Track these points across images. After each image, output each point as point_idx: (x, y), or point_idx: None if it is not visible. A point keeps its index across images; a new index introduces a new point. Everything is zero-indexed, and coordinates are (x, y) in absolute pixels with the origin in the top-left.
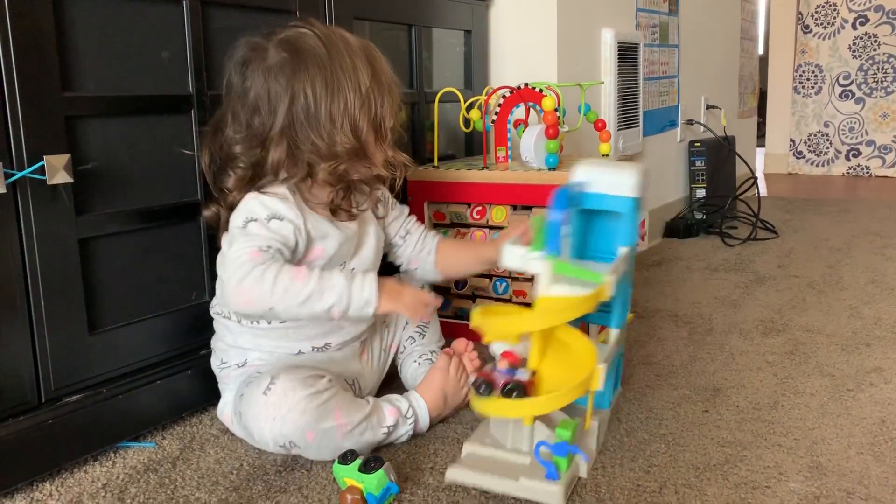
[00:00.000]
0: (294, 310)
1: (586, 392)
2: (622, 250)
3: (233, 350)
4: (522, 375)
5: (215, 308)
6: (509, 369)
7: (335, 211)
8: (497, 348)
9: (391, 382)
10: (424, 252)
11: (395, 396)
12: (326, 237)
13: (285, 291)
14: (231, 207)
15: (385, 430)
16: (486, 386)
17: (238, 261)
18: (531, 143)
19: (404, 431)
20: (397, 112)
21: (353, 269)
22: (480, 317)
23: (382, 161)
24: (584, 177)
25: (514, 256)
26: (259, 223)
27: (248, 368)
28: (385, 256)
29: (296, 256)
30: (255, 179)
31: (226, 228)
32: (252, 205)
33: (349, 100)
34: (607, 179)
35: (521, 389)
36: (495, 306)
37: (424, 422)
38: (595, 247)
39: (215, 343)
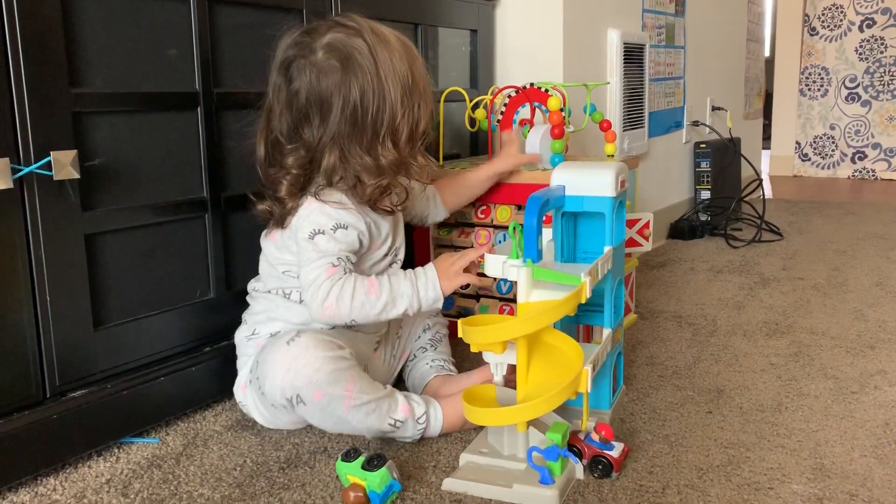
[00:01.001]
0: (372, 319)
1: (575, 394)
2: (606, 250)
3: (271, 322)
4: (613, 452)
5: (256, 287)
6: (601, 443)
7: (374, 206)
8: (490, 358)
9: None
10: (432, 203)
11: (414, 396)
12: (382, 228)
13: (362, 306)
14: (287, 211)
15: (391, 421)
16: (603, 467)
17: (317, 282)
18: (536, 143)
19: (411, 434)
20: (430, 116)
21: (397, 246)
22: (464, 327)
23: (416, 169)
24: (562, 180)
25: (495, 265)
26: (326, 236)
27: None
28: None
29: (361, 251)
30: (306, 184)
31: (278, 225)
32: (316, 216)
33: (393, 109)
34: (585, 181)
35: (607, 466)
36: (480, 316)
37: (436, 431)
38: (585, 247)
39: (250, 316)
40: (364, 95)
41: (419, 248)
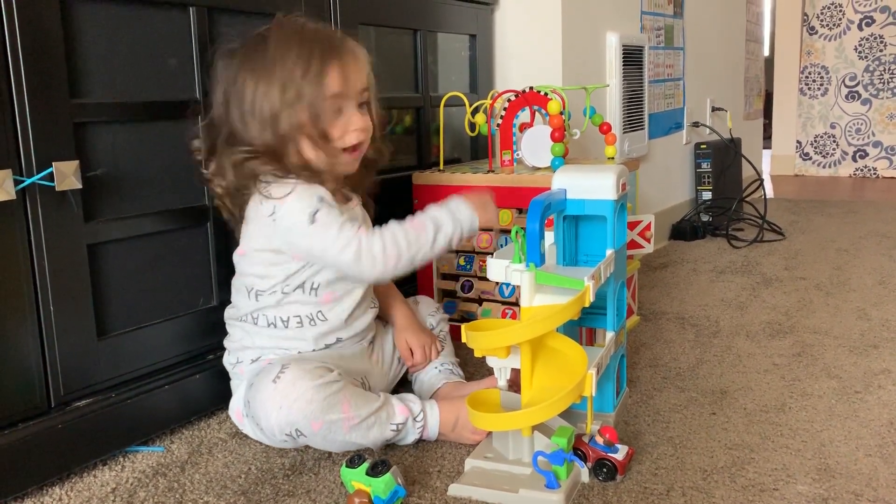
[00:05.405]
0: (428, 252)
1: (580, 398)
2: (608, 253)
3: (247, 350)
4: (617, 455)
5: (230, 315)
6: (605, 446)
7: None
8: (493, 363)
9: (400, 391)
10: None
11: (409, 396)
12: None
13: (416, 240)
14: (238, 201)
15: (394, 427)
16: (607, 470)
17: (363, 244)
18: (545, 138)
19: (412, 436)
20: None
21: None
22: (469, 332)
23: (320, 160)
24: (563, 183)
25: (498, 269)
26: (324, 210)
27: (261, 363)
28: None
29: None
30: (246, 184)
31: (240, 219)
32: (297, 204)
33: (274, 98)
34: (585, 184)
35: (611, 469)
36: (484, 321)
37: (433, 431)
38: (586, 250)
39: (230, 343)
40: (248, 84)
41: None
